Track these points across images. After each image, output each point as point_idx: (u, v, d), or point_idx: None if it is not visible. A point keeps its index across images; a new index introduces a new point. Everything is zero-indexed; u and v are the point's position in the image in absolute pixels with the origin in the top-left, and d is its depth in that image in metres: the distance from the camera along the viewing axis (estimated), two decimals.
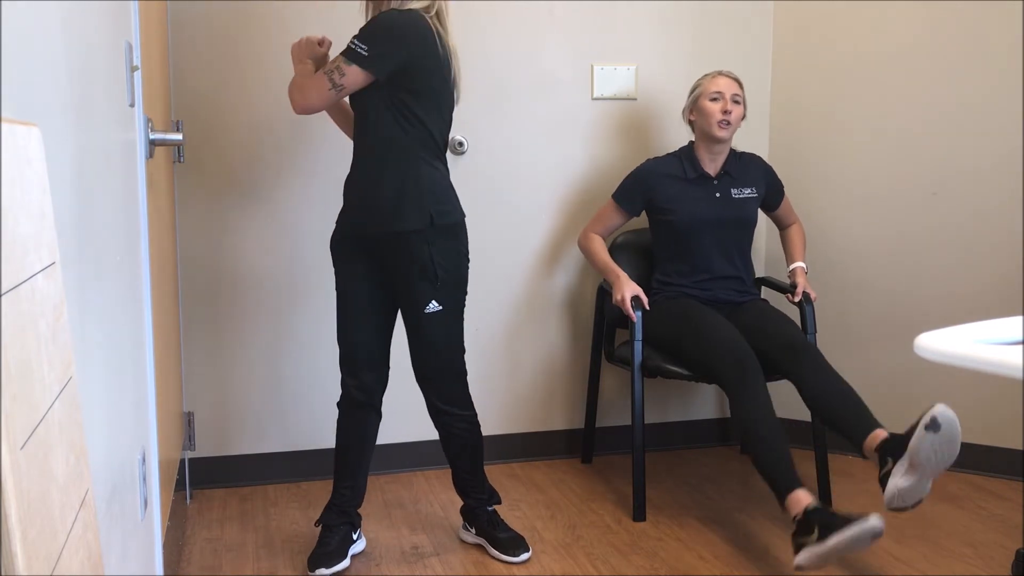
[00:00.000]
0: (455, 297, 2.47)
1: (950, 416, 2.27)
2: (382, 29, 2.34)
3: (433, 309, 2.43)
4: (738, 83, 3.03)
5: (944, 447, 2.27)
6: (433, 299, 2.43)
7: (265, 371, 3.16)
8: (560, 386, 3.46)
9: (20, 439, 0.75)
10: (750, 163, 3.15)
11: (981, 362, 1.04)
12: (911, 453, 2.30)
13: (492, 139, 3.26)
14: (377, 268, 2.49)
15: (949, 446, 2.27)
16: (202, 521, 2.89)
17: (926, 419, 2.28)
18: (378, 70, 2.33)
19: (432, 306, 2.43)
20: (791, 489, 2.47)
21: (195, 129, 3.00)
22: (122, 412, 1.59)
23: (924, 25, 3.24)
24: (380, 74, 2.34)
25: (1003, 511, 2.96)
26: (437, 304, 2.43)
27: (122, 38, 1.73)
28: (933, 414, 2.28)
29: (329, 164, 3.10)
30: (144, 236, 1.94)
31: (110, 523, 1.41)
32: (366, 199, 2.44)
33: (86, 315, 1.28)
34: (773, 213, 3.25)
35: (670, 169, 3.08)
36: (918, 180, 3.29)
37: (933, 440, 2.27)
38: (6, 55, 0.89)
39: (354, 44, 2.33)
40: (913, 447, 2.29)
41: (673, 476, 3.28)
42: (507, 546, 2.61)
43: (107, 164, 1.51)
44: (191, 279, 3.05)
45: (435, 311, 2.44)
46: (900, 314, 3.35)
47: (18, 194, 0.82)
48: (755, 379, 2.64)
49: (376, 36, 2.33)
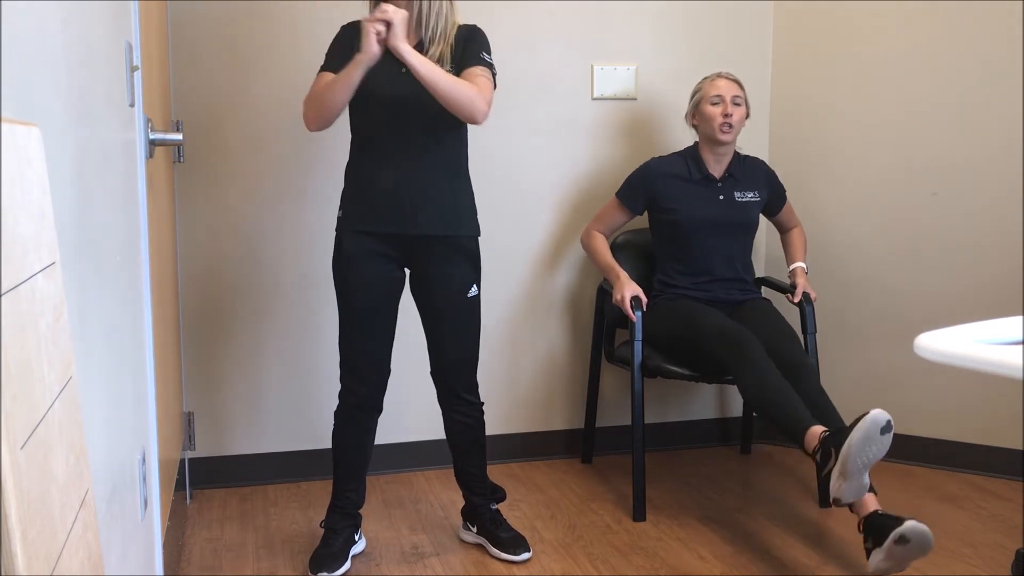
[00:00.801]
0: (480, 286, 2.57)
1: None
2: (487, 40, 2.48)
3: (474, 293, 2.52)
4: (738, 84, 3.03)
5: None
6: (474, 283, 2.52)
7: (265, 371, 3.16)
8: (560, 386, 3.46)
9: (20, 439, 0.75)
10: (753, 167, 3.15)
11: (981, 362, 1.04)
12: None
13: (492, 139, 3.26)
14: (399, 267, 2.50)
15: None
16: (202, 521, 2.89)
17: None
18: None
19: (473, 290, 2.52)
20: (806, 428, 2.50)
21: (195, 129, 3.00)
22: (122, 412, 1.59)
23: (924, 25, 3.24)
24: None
25: (1003, 511, 2.96)
26: (476, 289, 2.53)
27: (122, 38, 1.73)
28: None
29: (329, 164, 3.10)
30: (144, 236, 1.94)
31: (110, 523, 1.41)
32: (434, 202, 2.43)
33: (86, 315, 1.28)
34: (775, 218, 3.25)
35: (675, 169, 3.08)
36: (918, 180, 3.29)
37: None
38: (6, 55, 0.89)
39: (486, 57, 2.43)
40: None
41: (673, 476, 3.28)
42: (508, 545, 2.61)
43: (107, 164, 1.51)
44: (191, 279, 3.05)
45: (475, 295, 2.53)
46: (900, 313, 3.35)
47: (18, 194, 0.82)
48: (754, 352, 2.65)
49: (488, 46, 2.47)
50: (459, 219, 2.48)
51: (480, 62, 2.40)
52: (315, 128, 2.42)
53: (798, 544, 2.72)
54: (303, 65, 3.05)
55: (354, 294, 2.46)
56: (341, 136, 3.05)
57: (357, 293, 2.46)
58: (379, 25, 2.25)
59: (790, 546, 2.71)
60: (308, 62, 3.04)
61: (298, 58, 3.04)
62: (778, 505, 3.01)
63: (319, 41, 3.00)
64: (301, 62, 3.04)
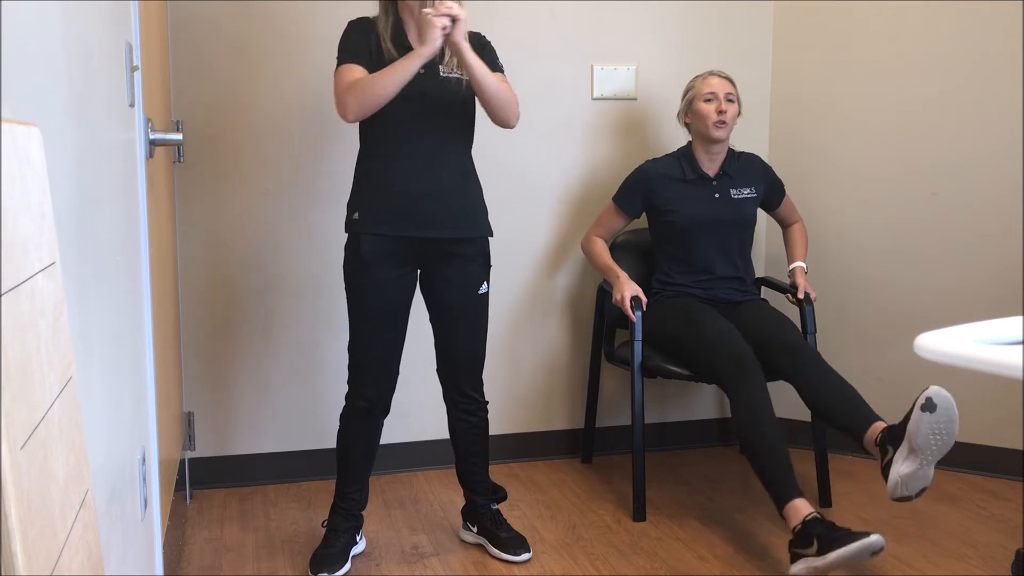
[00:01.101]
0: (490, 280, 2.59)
1: (945, 395, 2.27)
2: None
3: (484, 290, 2.54)
4: (730, 81, 3.04)
5: (943, 427, 2.26)
6: (484, 280, 2.53)
7: (265, 371, 3.16)
8: (560, 386, 3.46)
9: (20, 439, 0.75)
10: (749, 163, 3.15)
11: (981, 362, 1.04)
12: (910, 436, 2.29)
13: (492, 139, 3.26)
14: (412, 270, 2.49)
15: (948, 425, 2.26)
16: (202, 521, 2.89)
17: (921, 400, 2.28)
18: None
19: (484, 287, 2.53)
20: (790, 498, 2.48)
21: (195, 129, 3.00)
22: (122, 412, 1.59)
23: (924, 25, 3.24)
24: None
25: (1003, 511, 2.96)
26: (487, 286, 2.54)
27: (122, 38, 1.72)
28: (928, 395, 2.27)
29: (330, 163, 3.10)
30: (144, 236, 1.94)
31: (110, 523, 1.41)
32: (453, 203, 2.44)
33: (86, 315, 1.28)
34: (774, 212, 3.25)
35: (669, 170, 3.09)
36: (918, 179, 3.29)
37: (931, 420, 2.26)
38: (6, 55, 0.89)
39: (501, 65, 2.52)
40: (911, 430, 2.29)
41: (673, 476, 3.28)
42: (509, 545, 2.61)
43: (107, 164, 1.51)
44: (191, 279, 3.05)
45: (485, 292, 2.54)
46: (900, 313, 3.35)
47: (18, 194, 0.82)
48: (754, 378, 2.64)
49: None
50: (476, 221, 2.50)
51: (500, 69, 2.48)
52: (354, 119, 2.32)
53: None
54: (303, 64, 3.05)
55: (370, 298, 2.43)
56: (342, 134, 3.06)
57: (374, 297, 2.42)
58: (445, 20, 2.25)
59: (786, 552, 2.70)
60: (308, 61, 3.05)
61: (298, 57, 3.05)
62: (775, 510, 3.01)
63: (319, 40, 3.01)
64: (301, 61, 3.05)
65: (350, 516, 2.58)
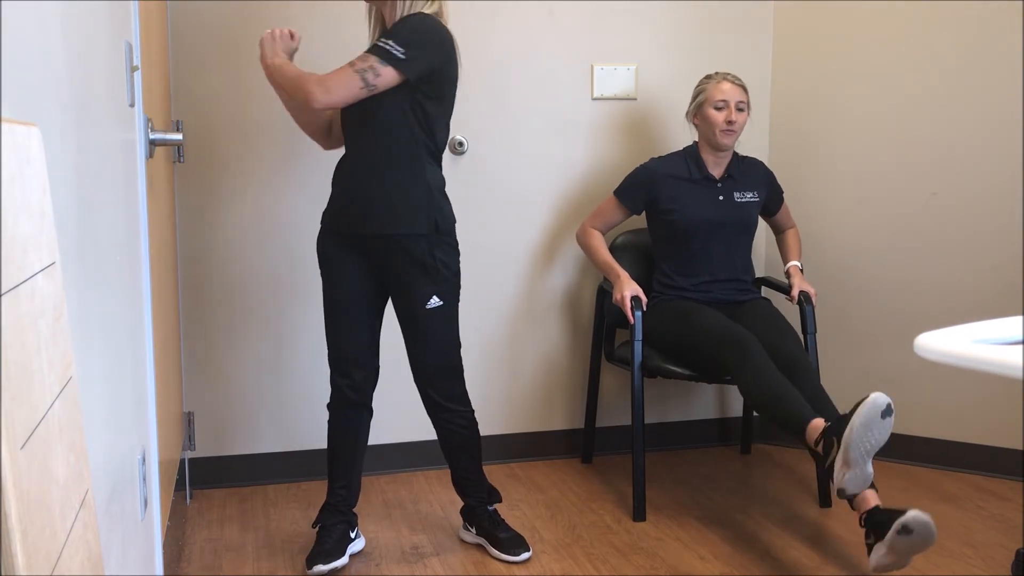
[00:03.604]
0: (453, 292, 2.50)
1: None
2: (418, 33, 2.34)
3: (435, 304, 2.46)
4: (743, 88, 3.02)
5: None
6: (435, 295, 2.46)
7: (265, 371, 3.16)
8: (560, 386, 3.46)
9: (20, 439, 0.75)
10: (752, 167, 3.15)
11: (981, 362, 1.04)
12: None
13: (492, 139, 3.26)
14: (367, 266, 2.50)
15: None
16: (202, 521, 2.89)
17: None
18: (412, 73, 2.34)
19: (434, 301, 2.46)
20: (807, 422, 2.48)
21: (195, 129, 3.00)
22: (122, 412, 1.59)
23: (924, 25, 3.24)
24: (413, 77, 2.34)
25: (1003, 511, 2.96)
26: (438, 299, 2.47)
27: (122, 38, 1.72)
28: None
29: (329, 164, 3.09)
30: (144, 236, 1.94)
31: (110, 523, 1.41)
32: (369, 200, 2.43)
33: (86, 315, 1.28)
34: (771, 218, 3.26)
35: (674, 169, 3.08)
36: (918, 180, 3.29)
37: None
38: (6, 55, 0.89)
39: (388, 46, 2.31)
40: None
41: (673, 476, 3.28)
42: (508, 545, 2.61)
43: (107, 164, 1.51)
44: (191, 279, 3.05)
45: (436, 306, 2.47)
46: (900, 314, 3.35)
47: (18, 194, 0.82)
48: (754, 351, 2.65)
49: (412, 39, 2.33)
50: (396, 216, 2.41)
51: (375, 49, 2.33)
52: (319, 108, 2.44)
53: (798, 544, 2.72)
54: (303, 64, 3.04)
55: (328, 289, 2.55)
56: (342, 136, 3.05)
57: (330, 288, 2.54)
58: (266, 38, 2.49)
59: (790, 546, 2.71)
60: (308, 61, 3.05)
61: (298, 57, 3.04)
62: (778, 505, 3.01)
63: (318, 40, 3.02)
64: (301, 61, 3.04)
65: (337, 511, 2.59)
